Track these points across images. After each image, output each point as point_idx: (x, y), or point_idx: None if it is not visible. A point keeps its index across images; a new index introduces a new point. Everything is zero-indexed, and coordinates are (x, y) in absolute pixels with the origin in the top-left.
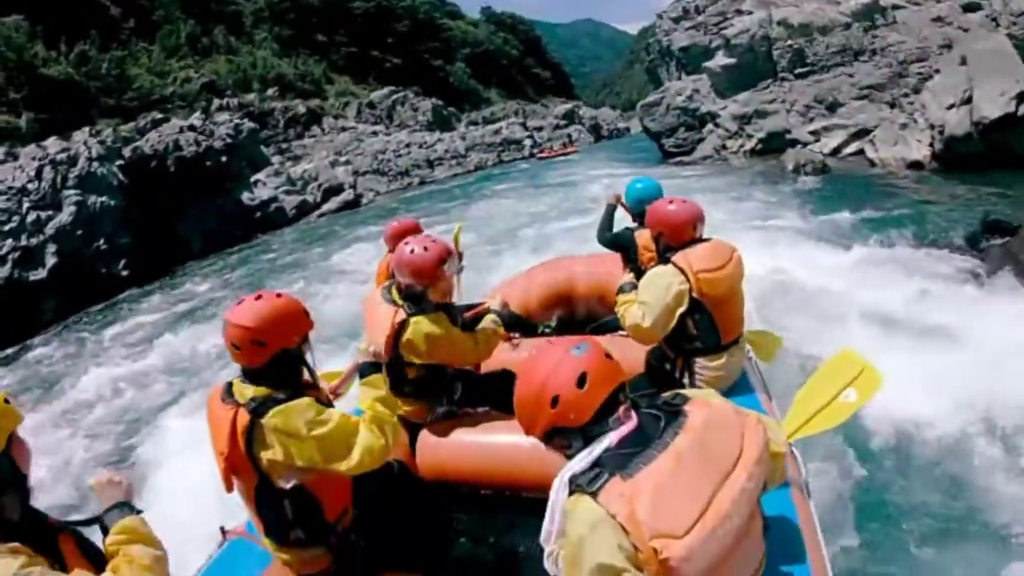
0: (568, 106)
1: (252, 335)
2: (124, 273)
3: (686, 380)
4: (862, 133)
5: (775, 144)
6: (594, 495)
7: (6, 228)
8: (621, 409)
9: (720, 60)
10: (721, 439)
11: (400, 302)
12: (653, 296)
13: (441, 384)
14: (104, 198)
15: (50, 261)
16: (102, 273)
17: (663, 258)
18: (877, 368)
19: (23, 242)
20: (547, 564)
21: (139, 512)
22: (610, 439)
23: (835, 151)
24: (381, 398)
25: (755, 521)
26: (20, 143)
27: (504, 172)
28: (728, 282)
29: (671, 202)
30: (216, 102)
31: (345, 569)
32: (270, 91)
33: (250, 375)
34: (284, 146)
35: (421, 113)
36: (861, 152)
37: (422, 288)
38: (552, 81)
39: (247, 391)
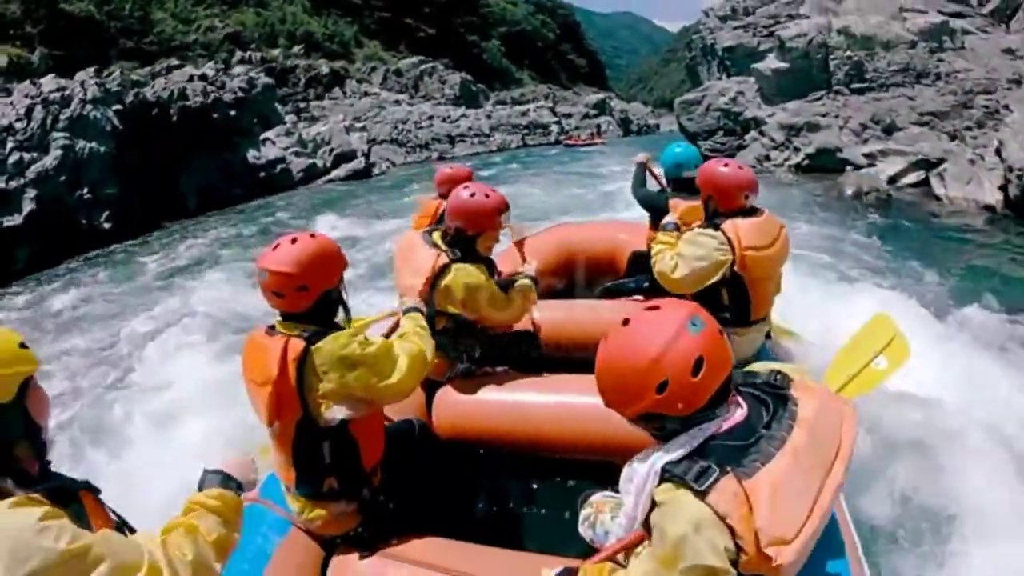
0: (600, 96)
1: (296, 280)
2: (107, 226)
3: None
4: (924, 164)
5: (824, 161)
6: (701, 494)
7: None
8: (730, 397)
9: (771, 63)
10: (827, 432)
11: (444, 247)
12: (692, 253)
13: (467, 339)
14: (94, 144)
15: (27, 207)
16: (82, 224)
17: (712, 223)
18: (906, 338)
19: (1, 184)
20: (581, 529)
21: (240, 492)
22: (716, 426)
23: (892, 179)
24: (421, 324)
25: None
26: (32, 79)
27: (528, 156)
28: (772, 262)
29: (725, 164)
30: (238, 54)
31: (371, 530)
32: (296, 48)
33: (292, 319)
34: (302, 106)
35: (449, 86)
36: (922, 185)
37: (473, 234)
38: (586, 69)
39: (293, 328)
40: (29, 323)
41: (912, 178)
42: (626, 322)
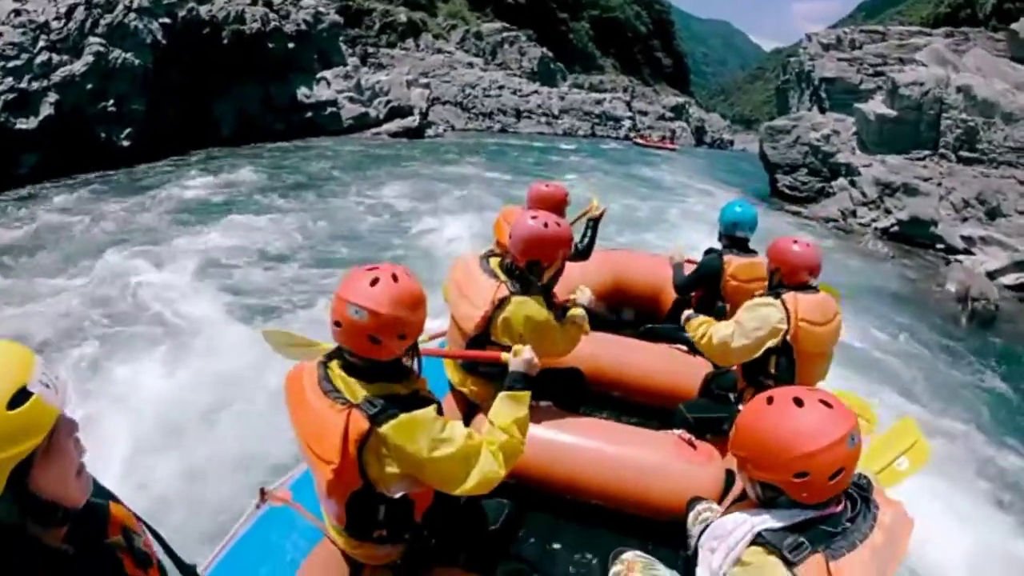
0: (680, 100)
1: (395, 327)
2: (125, 143)
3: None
4: None
5: (915, 232)
6: (791, 564)
7: (9, 65)
8: (834, 504)
9: (877, 106)
10: (896, 537)
11: (503, 277)
12: (751, 321)
13: None
14: (130, 55)
15: (45, 111)
16: (100, 138)
17: (773, 291)
18: (927, 443)
19: (23, 84)
20: None
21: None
22: (817, 513)
23: (991, 275)
24: (521, 421)
25: None
26: None
27: (595, 147)
28: (824, 339)
29: (796, 242)
30: None
31: (411, 562)
32: None
33: (363, 367)
34: (371, 51)
35: (527, 59)
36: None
37: (540, 265)
38: (671, 70)
39: (357, 388)
40: (9, 242)
41: (1012, 278)
42: (799, 402)
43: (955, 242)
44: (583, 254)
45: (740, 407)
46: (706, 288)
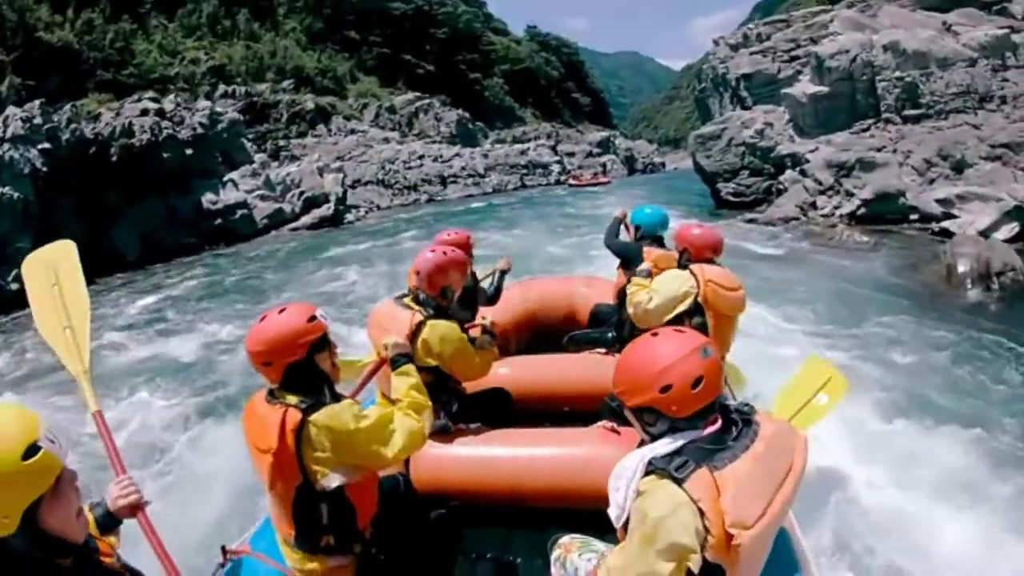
0: (604, 134)
1: (258, 358)
2: (14, 286)
3: None
4: (1020, 213)
5: (885, 209)
6: (679, 481)
7: None
8: (710, 416)
9: (806, 87)
10: (782, 448)
11: (416, 307)
12: (664, 287)
13: (444, 394)
14: (7, 188)
15: None
16: None
17: (681, 265)
18: (843, 375)
19: None
20: (553, 570)
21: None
22: (696, 434)
23: (983, 234)
24: (415, 385)
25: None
26: None
27: (527, 198)
28: (731, 303)
29: (699, 226)
30: (221, 88)
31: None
32: (285, 83)
33: (283, 388)
34: (282, 143)
35: (444, 124)
36: (1020, 239)
37: (444, 289)
38: (590, 108)
39: (290, 397)
40: None
41: (1006, 231)
42: (655, 335)
43: (931, 208)
44: (491, 300)
45: None
46: (624, 268)
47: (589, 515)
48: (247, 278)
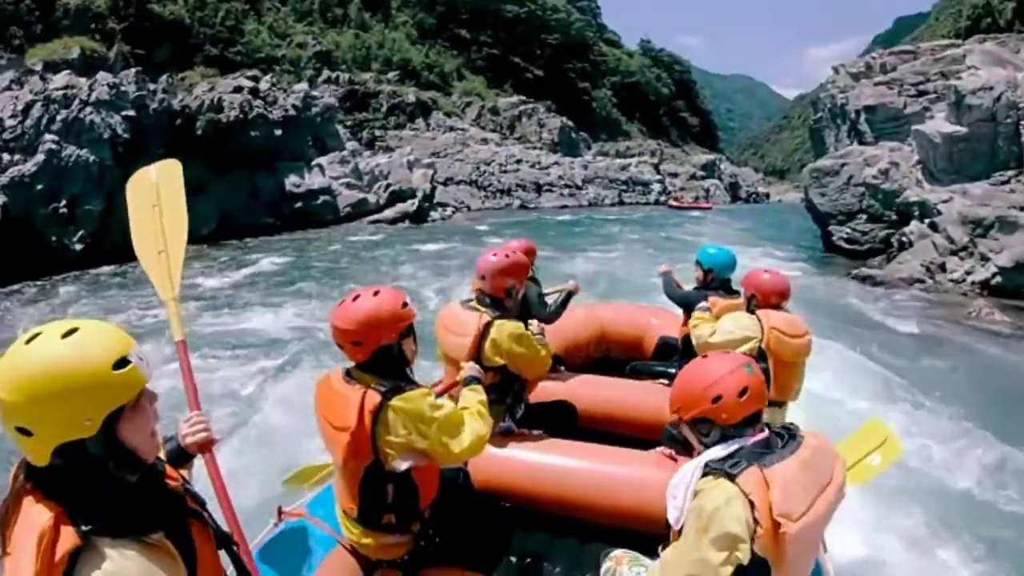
0: (710, 157)
1: (349, 335)
2: (78, 247)
3: None
4: None
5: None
6: (732, 477)
7: None
8: (758, 425)
9: (940, 125)
10: (824, 462)
11: (482, 308)
12: (729, 325)
13: (510, 397)
14: (84, 151)
15: None
16: (51, 243)
17: (749, 310)
18: (898, 439)
19: None
20: None
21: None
22: (746, 440)
23: None
24: (483, 402)
25: (821, 536)
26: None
27: (625, 217)
28: (795, 350)
29: (766, 271)
30: (325, 73)
31: (418, 558)
32: (391, 74)
33: (363, 369)
34: (379, 133)
35: (547, 131)
36: None
37: (509, 288)
38: (698, 129)
39: (370, 379)
40: None
41: None
42: (705, 357)
43: None
44: (550, 318)
45: None
46: (686, 317)
47: (634, 536)
48: (320, 264)
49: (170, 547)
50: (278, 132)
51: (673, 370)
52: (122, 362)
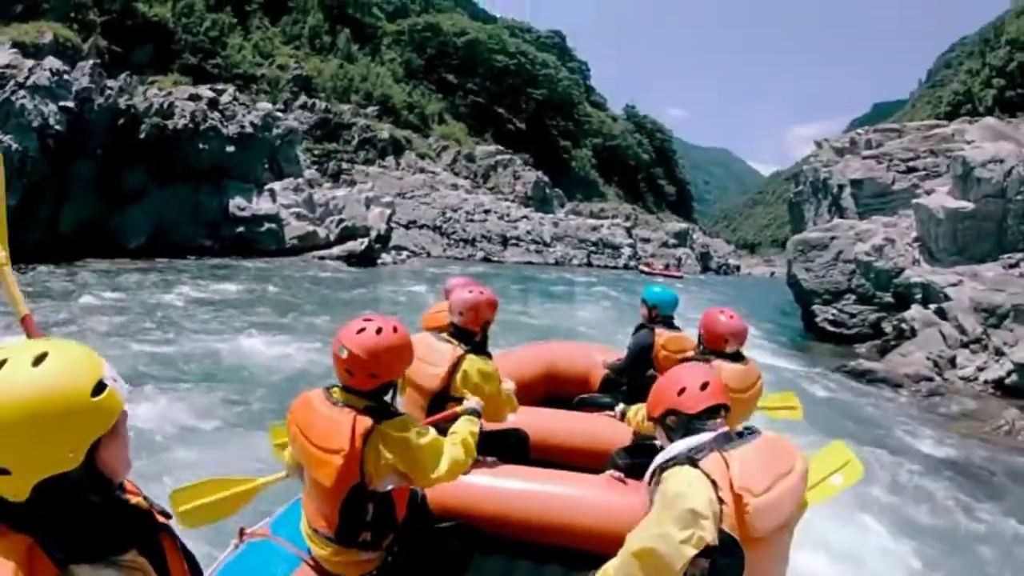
0: (683, 226)
1: (368, 367)
2: None
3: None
4: None
5: None
6: (695, 463)
7: None
8: (719, 419)
9: (944, 199)
10: (782, 453)
11: (455, 342)
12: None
13: None
14: (8, 137)
15: None
16: None
17: (700, 350)
18: (859, 461)
19: None
20: None
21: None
22: (707, 436)
23: None
24: (474, 434)
25: (790, 530)
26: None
27: (592, 281)
28: (746, 404)
29: (722, 312)
30: (303, 99)
31: (385, 574)
32: (369, 109)
33: (353, 393)
34: (346, 166)
35: (521, 183)
36: None
37: (484, 323)
38: (674, 198)
39: (356, 401)
40: None
41: None
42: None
43: None
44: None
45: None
46: (639, 360)
47: (588, 557)
48: (251, 296)
49: (145, 564)
50: (230, 148)
51: (620, 404)
52: (100, 386)
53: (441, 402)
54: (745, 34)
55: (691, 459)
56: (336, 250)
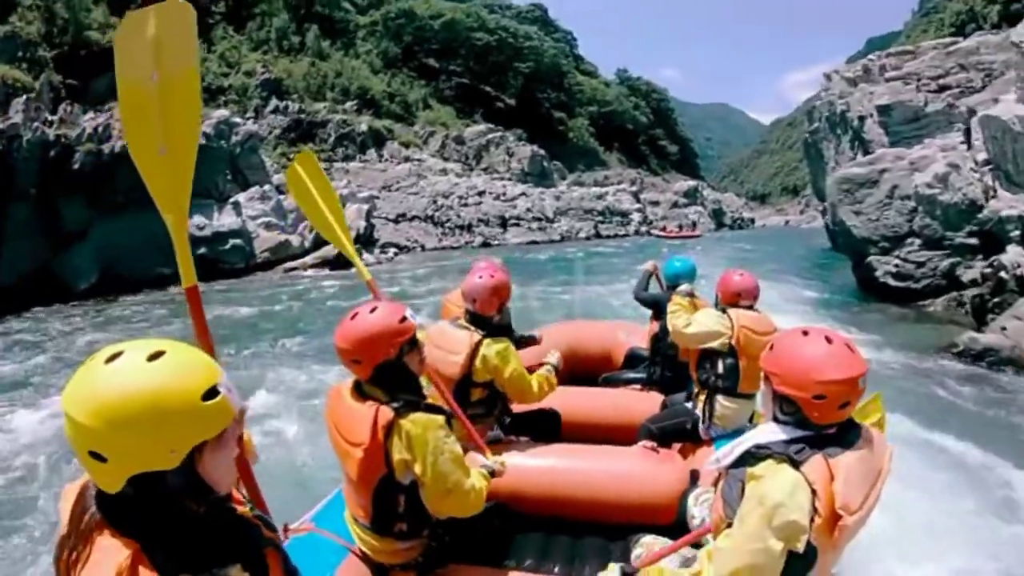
0: (691, 184)
1: (347, 355)
2: None
3: (704, 412)
4: None
5: None
6: (797, 464)
7: None
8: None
9: (1016, 108)
10: (877, 455)
11: (472, 328)
12: (704, 318)
13: (498, 407)
14: None
15: None
16: None
17: (719, 308)
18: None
19: None
20: (637, 564)
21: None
22: (814, 432)
23: None
24: (502, 465)
25: None
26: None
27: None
28: (762, 345)
29: (738, 274)
30: (274, 103)
31: (429, 559)
32: (348, 104)
33: (369, 382)
34: (324, 165)
35: (516, 160)
36: None
37: (500, 305)
38: (677, 157)
39: (381, 395)
40: None
41: None
42: (829, 340)
43: None
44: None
45: (697, 411)
46: (655, 317)
47: (625, 529)
48: (216, 324)
49: None
50: None
51: (644, 376)
52: (212, 392)
53: (465, 388)
54: None
55: (793, 460)
56: (309, 259)
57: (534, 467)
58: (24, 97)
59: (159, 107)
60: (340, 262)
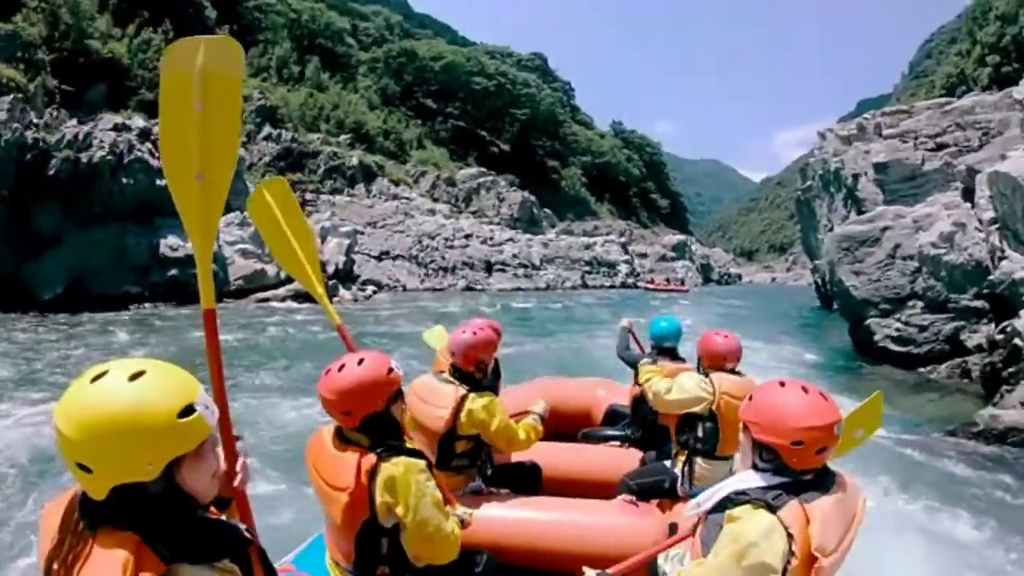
0: (680, 238)
1: (336, 406)
2: None
3: (684, 472)
4: None
5: None
6: (774, 509)
7: None
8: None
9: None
10: (851, 499)
11: (456, 382)
12: (687, 383)
13: (480, 459)
14: None
15: None
16: None
17: (702, 372)
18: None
19: None
20: None
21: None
22: (792, 479)
23: None
24: (469, 515)
25: None
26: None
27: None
28: None
29: (719, 335)
30: (267, 130)
31: None
32: (342, 137)
33: (361, 429)
34: (310, 197)
35: (507, 205)
36: None
37: (484, 363)
38: (668, 211)
39: (362, 439)
40: None
41: None
42: (805, 390)
43: None
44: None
45: (676, 470)
46: (636, 378)
47: None
48: (179, 351)
49: (237, 571)
50: (161, 183)
51: (624, 433)
52: (187, 410)
53: (450, 442)
54: (725, 44)
55: (770, 505)
56: (282, 291)
57: (514, 518)
58: (11, 96)
59: (200, 134)
60: (306, 296)
